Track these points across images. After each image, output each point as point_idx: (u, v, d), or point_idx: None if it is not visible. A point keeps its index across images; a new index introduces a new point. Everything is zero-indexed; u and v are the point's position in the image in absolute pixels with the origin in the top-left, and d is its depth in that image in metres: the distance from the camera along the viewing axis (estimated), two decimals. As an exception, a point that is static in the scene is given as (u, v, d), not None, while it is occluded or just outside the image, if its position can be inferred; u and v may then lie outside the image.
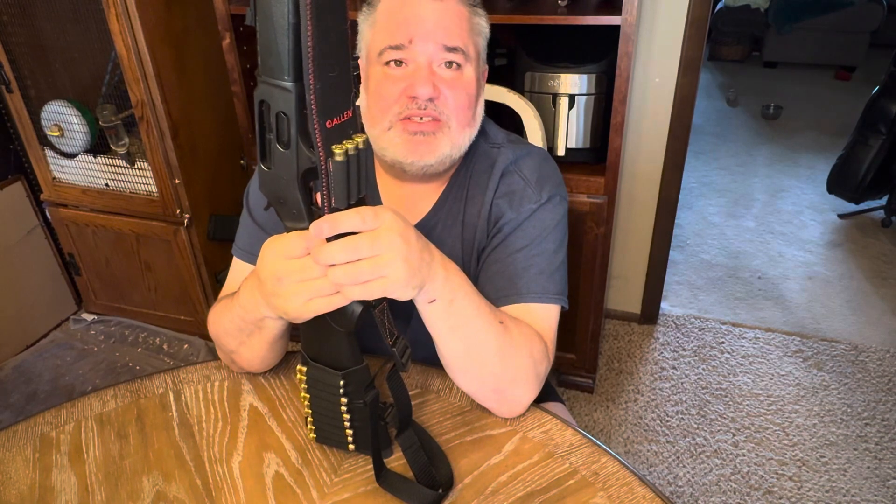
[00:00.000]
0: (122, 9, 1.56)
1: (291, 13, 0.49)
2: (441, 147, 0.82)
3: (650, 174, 1.94)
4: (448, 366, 0.75)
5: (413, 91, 0.79)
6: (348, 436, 0.72)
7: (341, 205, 0.56)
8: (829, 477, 1.65)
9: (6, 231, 2.03)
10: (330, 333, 0.64)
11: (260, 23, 0.51)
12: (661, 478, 1.67)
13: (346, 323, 0.62)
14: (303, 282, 0.59)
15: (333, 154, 0.54)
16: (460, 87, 0.82)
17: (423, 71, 0.79)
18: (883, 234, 2.68)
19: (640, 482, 0.70)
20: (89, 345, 2.12)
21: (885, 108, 2.54)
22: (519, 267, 0.84)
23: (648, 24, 1.72)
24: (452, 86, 0.81)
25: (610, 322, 2.21)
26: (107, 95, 1.79)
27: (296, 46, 0.50)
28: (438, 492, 0.68)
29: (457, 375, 0.75)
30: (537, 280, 0.84)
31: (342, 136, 0.55)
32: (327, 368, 0.67)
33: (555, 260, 0.87)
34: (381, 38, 0.81)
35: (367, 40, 0.84)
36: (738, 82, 4.33)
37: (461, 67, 0.82)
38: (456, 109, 0.82)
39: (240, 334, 0.77)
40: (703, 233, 2.72)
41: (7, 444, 0.79)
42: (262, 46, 0.51)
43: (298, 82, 0.52)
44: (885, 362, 2.01)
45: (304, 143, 0.54)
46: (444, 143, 0.82)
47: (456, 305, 0.67)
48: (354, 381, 0.67)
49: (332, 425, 0.72)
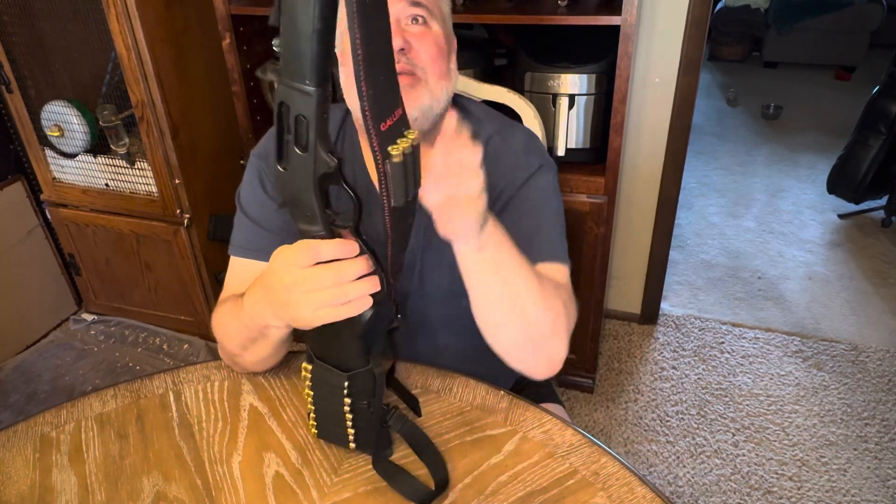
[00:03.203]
0: (122, 9, 1.56)
1: (317, 18, 0.48)
2: (421, 98, 0.83)
3: (650, 174, 1.94)
4: (487, 320, 0.74)
5: None
6: (349, 435, 0.72)
7: (399, 203, 0.57)
8: (829, 477, 1.65)
9: (6, 231, 2.03)
10: (337, 335, 0.65)
11: (284, 25, 0.50)
12: (661, 478, 1.66)
13: (355, 327, 0.62)
14: (313, 291, 0.60)
15: (391, 156, 0.54)
16: (429, 39, 0.84)
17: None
18: (883, 234, 2.68)
19: (640, 482, 0.70)
20: (89, 345, 2.12)
21: (885, 108, 2.54)
22: (526, 232, 0.84)
23: (648, 24, 1.72)
24: (422, 38, 0.83)
25: (610, 322, 2.21)
26: (107, 95, 1.79)
27: (320, 52, 0.50)
28: (431, 489, 0.68)
29: (498, 329, 0.74)
30: (548, 242, 0.86)
31: (396, 135, 0.55)
32: (332, 369, 0.67)
33: (557, 223, 0.90)
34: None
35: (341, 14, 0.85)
36: (738, 82, 4.33)
37: (427, 22, 0.84)
38: (429, 61, 0.83)
39: (244, 340, 0.77)
40: (703, 233, 2.72)
41: (7, 444, 0.79)
42: (286, 49, 0.51)
43: (320, 87, 0.51)
44: (885, 362, 2.01)
45: (322, 147, 0.54)
46: (423, 94, 0.83)
47: (502, 251, 0.69)
48: (359, 382, 0.67)
49: (333, 423, 0.72)
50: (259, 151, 0.96)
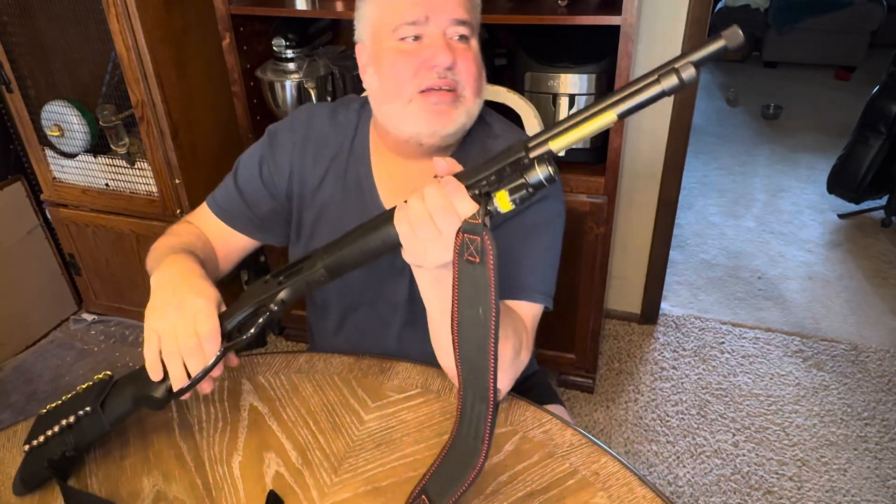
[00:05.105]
0: (122, 9, 1.56)
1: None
2: (459, 116, 0.85)
3: (650, 174, 1.94)
4: (433, 335, 0.77)
5: (434, 60, 0.81)
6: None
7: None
8: (829, 477, 1.65)
9: (6, 231, 2.03)
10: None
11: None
12: (661, 478, 1.66)
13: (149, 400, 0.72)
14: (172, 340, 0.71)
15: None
16: (470, 58, 0.85)
17: (439, 41, 0.82)
18: (883, 234, 2.68)
19: (640, 482, 0.70)
20: (89, 345, 2.12)
21: (885, 108, 2.54)
22: (510, 260, 0.85)
23: (648, 24, 1.72)
24: (464, 57, 0.84)
25: (610, 322, 2.21)
26: (107, 95, 1.79)
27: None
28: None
29: (439, 349, 0.78)
30: (527, 277, 0.86)
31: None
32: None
33: (546, 257, 0.89)
34: (394, 16, 0.83)
35: (375, 19, 0.86)
36: (738, 82, 4.33)
37: (468, 40, 0.85)
38: (470, 79, 0.84)
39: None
40: (703, 233, 2.72)
41: (7, 444, 0.79)
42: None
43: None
44: (885, 362, 2.01)
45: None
46: (461, 112, 0.85)
47: (443, 280, 0.68)
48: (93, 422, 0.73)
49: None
50: (272, 129, 0.98)
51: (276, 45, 1.70)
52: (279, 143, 0.96)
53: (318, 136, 0.96)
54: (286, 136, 0.96)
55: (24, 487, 0.72)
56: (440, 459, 0.63)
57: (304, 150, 0.95)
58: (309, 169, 0.95)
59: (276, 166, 0.96)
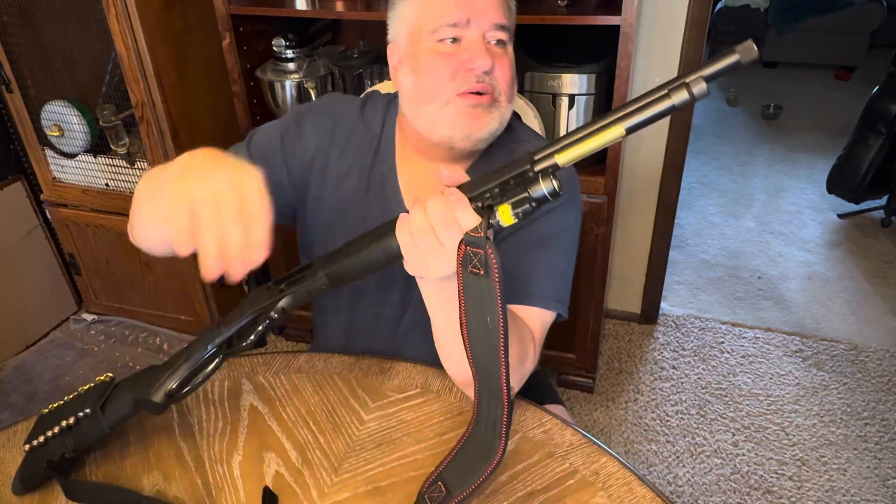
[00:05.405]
0: (122, 9, 1.56)
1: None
2: (493, 121, 0.84)
3: (650, 174, 1.94)
4: (437, 340, 0.76)
5: (473, 63, 0.81)
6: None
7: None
8: (829, 477, 1.65)
9: (6, 231, 2.03)
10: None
11: None
12: (661, 478, 1.67)
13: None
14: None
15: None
16: (507, 63, 0.85)
17: (479, 44, 0.82)
18: (883, 234, 2.68)
19: (640, 482, 0.70)
20: (89, 345, 2.12)
21: (884, 108, 2.54)
22: (526, 267, 0.84)
23: (648, 24, 1.72)
24: (501, 62, 0.83)
25: (610, 322, 2.21)
26: (107, 95, 1.79)
27: None
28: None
29: (443, 353, 0.77)
30: (542, 284, 0.85)
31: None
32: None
33: (561, 265, 0.88)
34: (434, 17, 0.82)
35: (414, 19, 0.85)
36: (738, 82, 4.32)
37: (506, 45, 0.85)
38: (505, 85, 0.84)
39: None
40: (703, 233, 2.72)
41: (7, 444, 0.79)
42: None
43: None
44: (885, 362, 2.01)
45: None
46: (495, 117, 0.84)
47: (446, 290, 0.67)
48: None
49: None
50: (299, 110, 0.95)
51: (276, 45, 1.71)
52: (306, 125, 0.93)
53: (347, 129, 0.94)
54: (315, 121, 0.93)
55: (23, 487, 0.72)
56: (456, 450, 0.65)
57: (332, 140, 0.93)
58: (334, 159, 0.93)
59: (301, 147, 0.93)
